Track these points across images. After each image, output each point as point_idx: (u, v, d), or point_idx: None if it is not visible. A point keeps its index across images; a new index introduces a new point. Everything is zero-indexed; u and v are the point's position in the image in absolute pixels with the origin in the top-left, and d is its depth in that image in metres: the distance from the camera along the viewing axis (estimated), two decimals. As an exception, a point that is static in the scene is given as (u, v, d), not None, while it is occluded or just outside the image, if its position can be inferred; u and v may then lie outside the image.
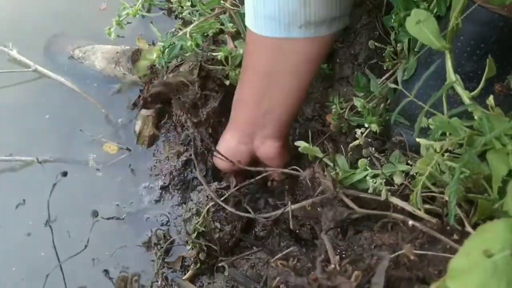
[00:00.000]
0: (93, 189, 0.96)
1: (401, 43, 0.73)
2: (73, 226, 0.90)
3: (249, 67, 0.72)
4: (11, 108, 1.07)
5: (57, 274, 0.77)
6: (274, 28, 0.63)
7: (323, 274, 0.45)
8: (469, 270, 0.33)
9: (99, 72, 1.05)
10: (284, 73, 0.68)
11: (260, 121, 0.73)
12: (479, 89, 0.52)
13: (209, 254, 0.81)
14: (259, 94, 0.71)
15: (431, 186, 0.54)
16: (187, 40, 0.83)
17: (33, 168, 0.98)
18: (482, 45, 0.62)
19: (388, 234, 0.57)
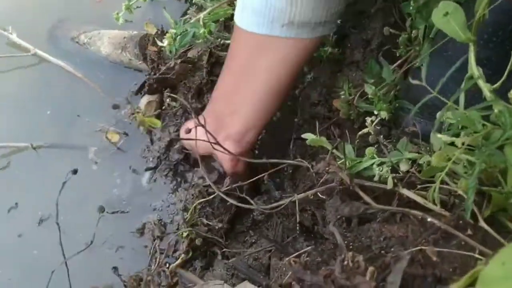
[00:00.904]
0: (89, 177, 0.92)
1: (416, 29, 0.69)
2: (71, 216, 0.86)
3: (229, 61, 0.70)
4: (10, 93, 1.03)
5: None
6: (258, 23, 0.61)
7: (342, 274, 0.41)
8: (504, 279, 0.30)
9: (104, 57, 1.00)
10: (259, 71, 0.65)
11: (227, 119, 0.70)
12: (501, 81, 0.48)
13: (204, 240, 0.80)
14: (232, 91, 0.69)
15: (450, 182, 0.50)
16: (200, 27, 0.78)
17: (29, 154, 0.94)
18: (500, 33, 0.59)
19: (397, 225, 0.54)
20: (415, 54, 0.70)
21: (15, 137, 0.96)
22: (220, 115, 0.71)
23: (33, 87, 1.03)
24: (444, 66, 0.64)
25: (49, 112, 0.99)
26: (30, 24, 1.07)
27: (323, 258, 0.53)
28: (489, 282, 0.30)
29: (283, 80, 0.66)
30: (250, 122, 0.70)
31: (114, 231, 0.87)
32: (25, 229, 0.88)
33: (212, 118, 0.70)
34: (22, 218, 0.89)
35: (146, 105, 0.93)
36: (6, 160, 0.95)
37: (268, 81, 0.66)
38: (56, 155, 0.95)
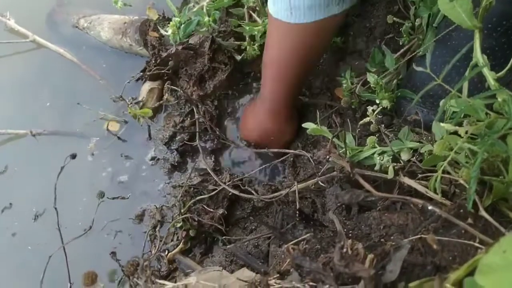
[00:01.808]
0: (87, 165, 0.92)
1: (420, 18, 0.68)
2: (69, 203, 0.86)
3: (282, 55, 0.71)
4: (8, 80, 1.02)
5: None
6: (316, 13, 0.62)
7: (341, 261, 0.41)
8: (504, 268, 0.30)
9: (104, 43, 0.99)
10: (319, 45, 0.69)
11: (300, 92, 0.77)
12: (506, 70, 0.48)
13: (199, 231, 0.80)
14: (300, 68, 0.72)
15: (452, 171, 0.50)
16: (204, 15, 0.76)
17: (27, 141, 0.94)
18: (504, 22, 0.58)
19: (397, 214, 0.53)
20: (419, 43, 0.69)
21: (14, 123, 0.95)
22: (294, 97, 0.77)
23: (32, 74, 1.01)
24: (447, 55, 0.64)
25: (48, 103, 0.98)
26: (29, 9, 1.05)
27: (322, 245, 0.53)
28: (489, 270, 0.30)
29: (329, 46, 0.73)
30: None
31: (113, 218, 0.87)
32: (22, 223, 0.89)
33: (289, 105, 0.78)
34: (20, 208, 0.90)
35: (148, 92, 0.93)
36: (5, 147, 0.95)
37: (323, 50, 0.72)
38: (55, 143, 0.94)
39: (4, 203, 0.90)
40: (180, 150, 0.91)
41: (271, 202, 0.78)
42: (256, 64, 0.91)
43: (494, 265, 0.30)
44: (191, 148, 0.91)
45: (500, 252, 0.30)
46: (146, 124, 0.92)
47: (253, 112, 0.84)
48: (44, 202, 0.85)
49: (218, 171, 0.87)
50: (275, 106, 0.78)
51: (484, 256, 0.30)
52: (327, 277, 0.43)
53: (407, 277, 0.44)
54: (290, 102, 0.77)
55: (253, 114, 0.84)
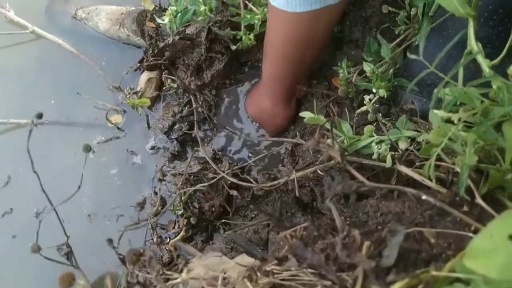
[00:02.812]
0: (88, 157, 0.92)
1: (415, 7, 0.68)
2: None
3: (281, 46, 0.72)
4: (8, 71, 1.01)
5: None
6: (310, 3, 0.62)
7: (343, 251, 0.42)
8: (492, 251, 0.31)
9: (102, 33, 0.99)
10: (319, 35, 0.69)
11: (301, 78, 0.78)
12: (501, 57, 0.48)
13: (200, 218, 0.81)
14: (299, 61, 0.73)
15: (446, 158, 0.50)
16: (200, 4, 0.76)
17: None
18: (501, 11, 0.57)
19: (394, 202, 0.54)
20: (414, 32, 0.69)
21: (15, 114, 0.95)
22: (295, 81, 0.79)
23: (31, 64, 1.01)
24: (443, 44, 0.64)
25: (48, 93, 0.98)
26: (28, 0, 1.05)
27: (320, 232, 0.54)
28: (477, 255, 0.30)
29: (332, 30, 0.72)
30: (304, 75, 0.80)
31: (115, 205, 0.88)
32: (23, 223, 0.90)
33: (286, 87, 0.79)
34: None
35: (147, 82, 0.92)
36: (6, 137, 0.95)
37: (324, 38, 0.70)
38: (56, 132, 0.95)
39: (5, 207, 0.91)
40: (180, 139, 0.91)
41: (271, 190, 0.79)
42: (253, 53, 0.91)
43: (482, 249, 0.30)
44: (191, 137, 0.92)
45: (487, 236, 0.30)
46: (144, 113, 0.92)
47: (256, 89, 0.89)
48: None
49: (218, 159, 0.87)
50: (271, 88, 0.81)
51: (473, 240, 0.31)
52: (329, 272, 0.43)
53: (403, 263, 0.45)
54: (286, 87, 0.79)
55: (255, 90, 0.89)
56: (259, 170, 0.87)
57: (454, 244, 0.43)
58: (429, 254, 0.43)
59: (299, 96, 0.85)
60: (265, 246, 0.70)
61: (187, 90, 0.90)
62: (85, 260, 0.76)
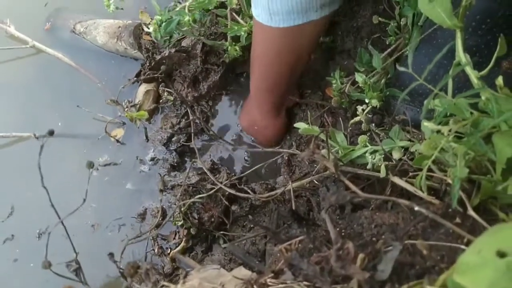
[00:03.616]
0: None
1: (405, 17, 0.68)
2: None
3: (266, 58, 0.72)
4: (10, 85, 1.02)
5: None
6: (293, 19, 0.63)
7: (337, 263, 0.42)
8: (481, 267, 0.31)
9: (100, 47, 0.99)
10: (303, 48, 0.69)
11: (288, 90, 0.78)
12: (488, 68, 0.47)
13: (200, 229, 0.81)
14: (285, 74, 0.73)
15: (437, 170, 0.50)
16: (185, 15, 0.77)
17: (30, 144, 0.94)
18: (488, 20, 0.57)
19: (388, 213, 0.54)
20: (405, 42, 0.68)
21: (16, 127, 0.96)
22: (281, 94, 0.79)
23: (32, 78, 1.02)
24: (433, 54, 0.64)
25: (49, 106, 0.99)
26: (28, 15, 1.05)
27: (315, 244, 0.53)
28: (465, 270, 0.30)
29: (316, 43, 0.71)
30: (299, 78, 0.79)
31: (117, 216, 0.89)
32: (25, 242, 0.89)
33: (275, 103, 0.80)
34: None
35: (145, 94, 0.93)
36: (9, 149, 0.96)
37: (310, 48, 0.71)
38: (57, 145, 0.95)
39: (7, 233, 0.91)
40: (179, 150, 0.91)
41: (268, 200, 0.79)
42: (248, 64, 0.90)
43: (471, 264, 0.30)
44: (189, 148, 0.92)
45: (476, 251, 0.30)
46: (143, 126, 0.92)
47: (246, 102, 0.89)
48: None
49: (216, 170, 0.87)
50: (259, 100, 0.81)
51: (462, 255, 0.31)
52: (324, 283, 0.43)
53: (397, 276, 0.44)
54: (274, 99, 0.79)
55: (246, 103, 0.89)
56: (257, 180, 0.86)
57: (447, 256, 0.43)
58: (423, 267, 0.43)
59: (289, 106, 0.85)
60: (262, 258, 0.70)
61: (184, 102, 0.90)
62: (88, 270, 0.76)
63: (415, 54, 0.65)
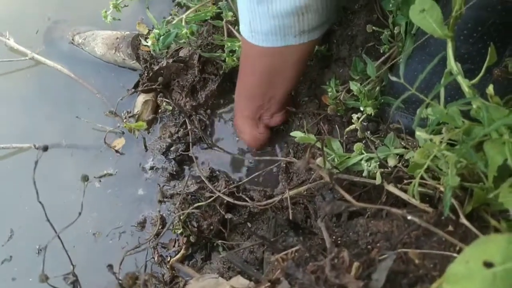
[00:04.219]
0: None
1: (398, 26, 0.68)
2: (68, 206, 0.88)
3: (249, 66, 0.74)
4: (10, 97, 1.03)
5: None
6: (273, 40, 0.64)
7: (332, 272, 0.42)
8: (468, 277, 0.31)
9: (99, 58, 1.00)
10: (283, 68, 0.70)
11: (266, 106, 0.79)
12: (479, 77, 0.48)
13: (199, 236, 0.81)
14: (264, 87, 0.74)
15: (429, 179, 0.50)
16: (182, 27, 0.78)
17: (31, 155, 0.95)
18: (479, 28, 0.58)
19: (383, 221, 0.54)
20: (398, 50, 0.69)
21: (17, 138, 0.96)
22: (258, 108, 0.80)
23: (32, 90, 1.03)
24: (426, 62, 0.64)
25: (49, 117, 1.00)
26: (26, 27, 1.06)
27: (311, 253, 0.54)
28: (453, 280, 0.30)
29: (304, 66, 0.73)
30: (283, 99, 0.79)
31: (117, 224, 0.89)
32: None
33: (253, 113, 0.81)
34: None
35: (143, 104, 0.94)
36: (10, 161, 0.96)
37: (290, 74, 0.72)
38: (58, 156, 0.96)
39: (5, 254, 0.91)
40: (178, 159, 0.92)
41: (266, 210, 0.79)
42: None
43: (459, 275, 0.30)
44: (188, 157, 0.92)
45: (464, 262, 0.30)
46: (141, 136, 0.93)
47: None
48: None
49: (215, 177, 0.88)
50: (239, 103, 0.83)
51: (450, 265, 0.31)
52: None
53: (390, 284, 0.45)
54: (252, 108, 0.80)
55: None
56: (255, 188, 0.87)
57: (439, 264, 0.43)
58: (416, 275, 0.43)
59: (273, 124, 0.85)
60: (260, 266, 0.71)
61: (181, 111, 0.91)
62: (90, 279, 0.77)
63: (409, 62, 0.66)
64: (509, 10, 0.55)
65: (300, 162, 0.59)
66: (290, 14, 0.60)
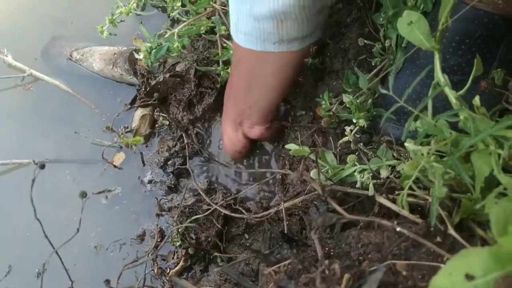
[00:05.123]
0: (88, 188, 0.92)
1: (389, 39, 0.70)
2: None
3: (236, 68, 0.75)
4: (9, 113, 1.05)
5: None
6: (252, 42, 0.66)
7: (322, 284, 0.43)
8: (451, 290, 0.31)
9: (97, 73, 1.02)
10: (265, 75, 0.71)
11: (247, 112, 0.78)
12: (466, 88, 0.49)
13: (198, 248, 0.82)
14: (245, 91, 0.75)
15: (417, 190, 0.51)
16: (174, 41, 0.79)
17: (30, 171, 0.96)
18: (467, 41, 0.59)
19: (374, 232, 0.54)
20: (390, 62, 0.70)
21: (16, 154, 0.98)
22: (240, 111, 0.79)
23: (31, 106, 1.04)
24: (417, 74, 0.65)
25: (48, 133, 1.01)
26: (24, 44, 1.08)
27: (304, 265, 0.54)
28: (438, 292, 0.31)
29: (284, 80, 0.73)
30: (267, 108, 0.78)
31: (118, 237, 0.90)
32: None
33: (235, 116, 0.81)
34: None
35: (141, 119, 0.95)
36: (10, 176, 0.98)
37: (271, 83, 0.73)
38: (57, 172, 0.97)
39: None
40: (176, 172, 0.93)
41: (263, 221, 0.80)
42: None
43: (442, 287, 0.31)
44: (186, 170, 0.93)
45: (447, 274, 0.31)
46: (139, 151, 0.94)
47: None
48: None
49: (212, 190, 0.88)
50: (225, 102, 0.83)
51: (434, 277, 0.32)
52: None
53: (381, 296, 0.45)
54: (236, 110, 0.80)
55: None
56: (252, 199, 0.88)
57: (427, 275, 0.44)
58: (404, 286, 0.44)
59: (249, 134, 0.83)
60: (256, 277, 0.71)
61: (178, 126, 0.92)
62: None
63: (400, 74, 0.67)
64: (495, 23, 0.56)
65: (294, 175, 0.60)
66: (269, 18, 0.61)
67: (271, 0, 0.59)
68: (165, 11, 1.02)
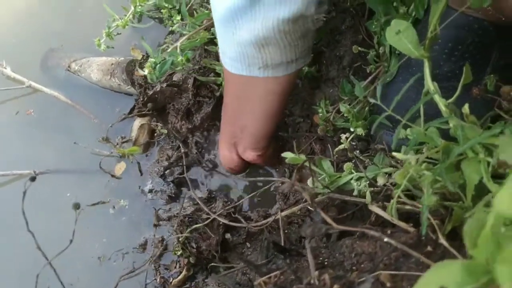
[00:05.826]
0: (88, 198, 0.96)
1: (383, 46, 0.71)
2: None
3: (226, 91, 0.77)
4: (8, 124, 1.07)
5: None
6: (238, 67, 0.66)
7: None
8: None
9: (95, 84, 1.04)
10: (253, 100, 0.72)
11: (239, 135, 0.79)
12: (456, 96, 0.50)
13: (199, 257, 0.83)
14: (235, 114, 0.76)
15: (406, 199, 0.52)
16: (177, 55, 0.81)
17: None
18: (460, 47, 0.60)
19: (367, 242, 0.55)
20: (384, 69, 0.71)
21: (16, 165, 1.00)
22: (232, 133, 0.80)
23: (30, 117, 1.07)
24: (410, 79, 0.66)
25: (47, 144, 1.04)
26: (23, 56, 1.11)
27: (297, 275, 0.55)
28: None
29: (275, 104, 0.72)
30: (258, 134, 0.78)
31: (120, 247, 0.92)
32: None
33: (229, 138, 0.81)
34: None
35: (139, 128, 0.97)
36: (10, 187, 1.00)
37: (258, 108, 0.73)
38: (56, 182, 0.99)
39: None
40: (176, 181, 0.95)
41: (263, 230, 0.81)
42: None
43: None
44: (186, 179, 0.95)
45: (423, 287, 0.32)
46: (136, 161, 0.96)
47: None
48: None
49: (212, 199, 0.90)
50: (221, 123, 0.84)
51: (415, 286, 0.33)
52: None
53: (371, 306, 0.46)
54: (228, 131, 0.81)
55: None
56: (253, 207, 0.89)
57: (417, 285, 0.45)
58: (394, 297, 0.45)
59: (242, 156, 0.84)
60: (252, 287, 0.72)
61: (175, 136, 0.94)
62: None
63: (394, 81, 0.68)
64: (485, 29, 0.57)
65: (285, 185, 0.61)
66: (251, 43, 0.61)
67: (251, 25, 0.59)
68: (162, 22, 1.04)
